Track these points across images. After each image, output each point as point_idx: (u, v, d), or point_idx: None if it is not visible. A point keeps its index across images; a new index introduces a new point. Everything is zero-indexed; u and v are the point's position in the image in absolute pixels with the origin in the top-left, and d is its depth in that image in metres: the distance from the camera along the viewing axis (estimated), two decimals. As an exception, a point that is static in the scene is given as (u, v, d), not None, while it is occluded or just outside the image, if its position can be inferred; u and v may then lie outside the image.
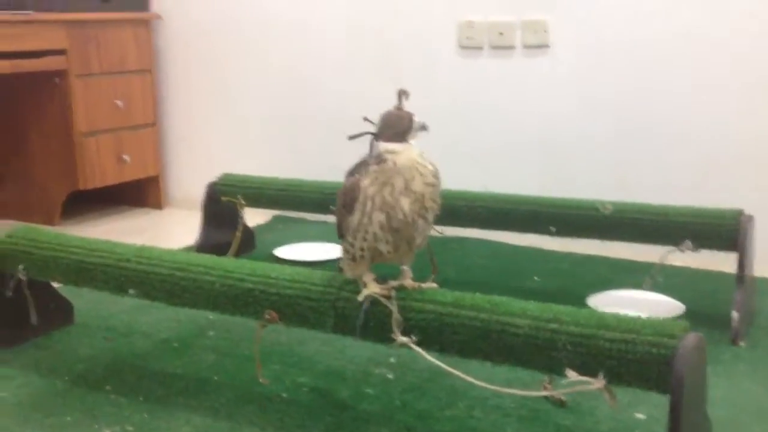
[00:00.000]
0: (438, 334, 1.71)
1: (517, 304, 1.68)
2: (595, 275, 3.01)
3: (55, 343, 2.43)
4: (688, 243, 2.46)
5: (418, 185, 1.67)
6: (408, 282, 1.79)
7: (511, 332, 1.63)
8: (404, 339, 1.71)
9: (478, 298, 1.72)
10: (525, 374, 1.81)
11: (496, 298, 1.71)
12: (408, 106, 1.71)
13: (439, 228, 2.19)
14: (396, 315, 1.72)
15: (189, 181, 4.28)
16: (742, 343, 2.36)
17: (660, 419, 1.79)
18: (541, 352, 1.61)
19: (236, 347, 2.35)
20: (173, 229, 4.01)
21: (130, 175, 4.12)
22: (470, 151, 3.61)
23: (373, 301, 1.75)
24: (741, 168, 3.13)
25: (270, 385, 2.08)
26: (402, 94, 1.70)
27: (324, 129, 3.96)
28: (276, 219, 3.94)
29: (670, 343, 1.49)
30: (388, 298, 1.73)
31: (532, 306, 1.66)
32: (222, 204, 3.15)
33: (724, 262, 2.65)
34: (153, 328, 2.52)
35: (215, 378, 2.16)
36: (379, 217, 1.67)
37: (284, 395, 2.05)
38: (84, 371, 2.22)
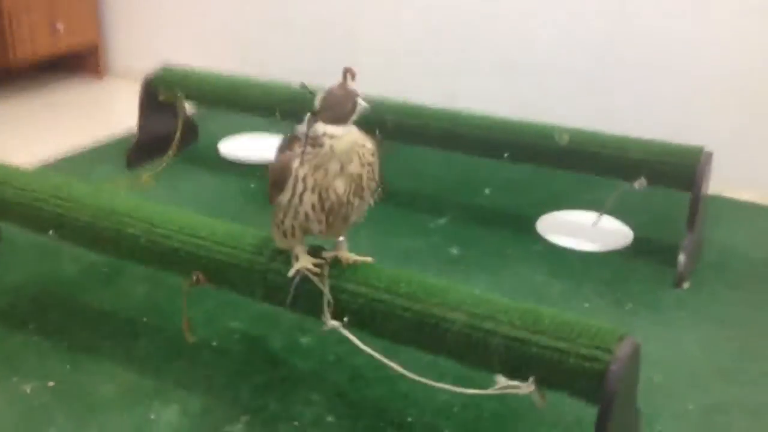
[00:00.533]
0: (370, 319, 1.64)
1: (454, 294, 1.60)
2: (547, 192, 2.93)
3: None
4: (643, 180, 2.37)
5: (355, 167, 1.55)
6: (343, 254, 1.69)
7: (444, 327, 1.56)
8: (335, 323, 1.64)
9: (414, 282, 1.63)
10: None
11: (433, 285, 1.62)
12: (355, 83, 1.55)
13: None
14: (327, 296, 1.64)
15: (132, 50, 4.01)
16: (686, 285, 2.33)
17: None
18: (474, 351, 1.55)
19: (169, 276, 2.26)
20: (114, 106, 3.81)
21: (65, 45, 3.85)
22: (442, 65, 3.42)
23: (304, 278, 1.67)
24: (713, 103, 3.01)
25: (200, 332, 2.02)
26: (348, 72, 1.54)
27: (288, 28, 3.69)
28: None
29: (603, 357, 1.43)
30: (320, 275, 1.65)
31: (470, 299, 1.58)
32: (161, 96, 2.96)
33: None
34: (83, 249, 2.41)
35: (144, 320, 2.09)
36: (311, 198, 1.55)
37: (214, 344, 2.00)
38: (7, 306, 2.14)
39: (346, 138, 1.52)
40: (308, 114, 1.55)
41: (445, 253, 2.48)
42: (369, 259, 1.71)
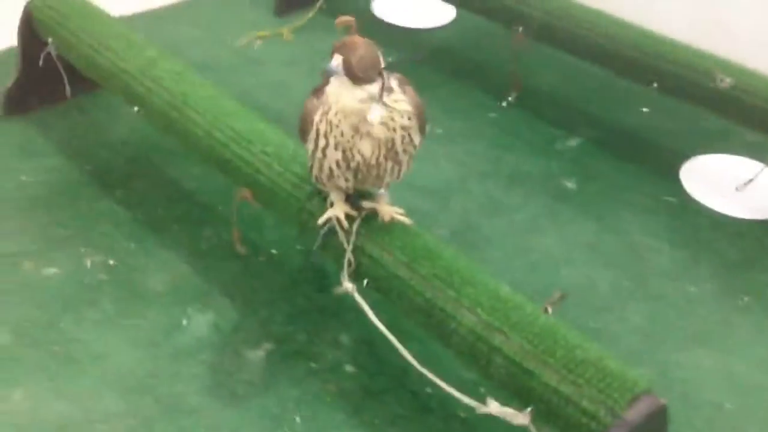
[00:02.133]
0: (387, 290, 1.51)
1: (475, 290, 1.42)
2: (712, 124, 2.42)
3: (91, 109, 2.37)
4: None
5: (381, 131, 1.37)
6: (383, 208, 1.54)
7: (452, 326, 1.40)
8: (348, 286, 1.53)
9: (441, 264, 1.46)
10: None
11: (459, 272, 1.45)
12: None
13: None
14: (348, 255, 1.52)
15: None
16: None
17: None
18: (476, 362, 1.39)
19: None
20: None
21: None
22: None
23: (332, 230, 1.54)
24: None
25: (266, 234, 1.99)
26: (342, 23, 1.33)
27: None
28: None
29: (604, 418, 1.24)
30: (347, 231, 1.52)
31: (489, 300, 1.40)
32: None
33: None
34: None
35: (219, 208, 2.06)
36: (334, 155, 1.40)
37: (274, 252, 1.96)
38: (104, 163, 2.19)
39: (345, 98, 1.35)
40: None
41: (558, 185, 2.22)
42: (407, 220, 1.55)
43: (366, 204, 1.54)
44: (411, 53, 2.69)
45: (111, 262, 1.90)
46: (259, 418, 1.58)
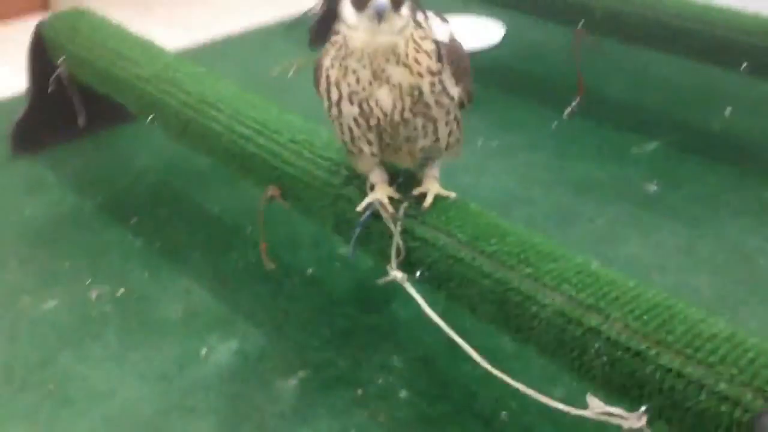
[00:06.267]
0: (446, 279, 1.20)
1: (558, 265, 1.11)
2: None
3: (108, 144, 2.16)
4: None
5: (402, 75, 1.09)
6: (434, 188, 1.25)
7: (532, 311, 1.09)
8: (397, 275, 1.23)
9: (510, 240, 1.16)
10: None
11: (536, 244, 1.15)
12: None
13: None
14: (397, 240, 1.23)
15: None
16: None
17: None
18: (566, 350, 1.07)
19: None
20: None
21: None
22: None
23: (373, 215, 1.26)
24: None
25: (301, 254, 1.71)
26: None
27: None
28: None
29: (753, 403, 0.91)
30: (394, 216, 1.23)
31: (577, 275, 1.09)
32: None
33: None
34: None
35: (248, 231, 1.79)
36: (350, 110, 1.13)
37: (310, 271, 1.67)
38: (123, 191, 1.95)
39: (364, 31, 1.07)
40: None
41: (639, 189, 1.91)
42: (452, 194, 1.25)
43: (418, 190, 1.26)
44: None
45: (119, 292, 1.62)
46: (293, 455, 1.27)
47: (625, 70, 2.49)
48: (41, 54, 2.01)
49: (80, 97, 2.05)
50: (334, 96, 1.13)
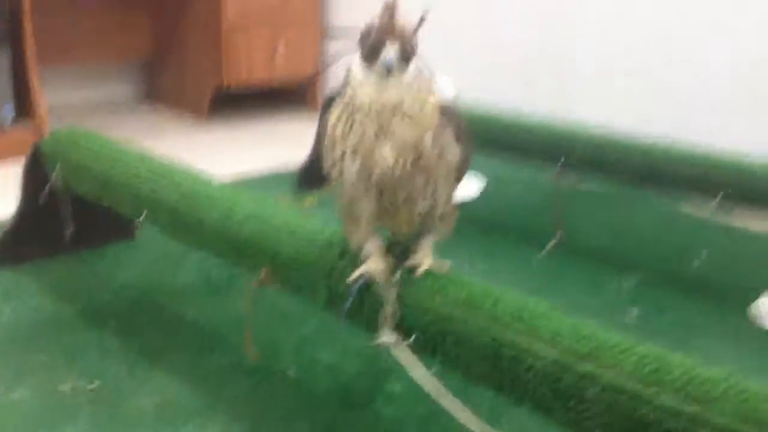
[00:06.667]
0: (441, 337, 1.19)
1: (551, 323, 1.12)
2: None
3: (91, 261, 2.16)
4: None
5: (405, 130, 1.13)
6: (427, 260, 1.27)
7: (527, 364, 1.09)
8: (388, 339, 1.22)
9: (507, 297, 1.18)
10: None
11: (529, 304, 1.16)
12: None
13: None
14: (391, 302, 1.23)
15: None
16: None
17: None
18: (563, 400, 1.06)
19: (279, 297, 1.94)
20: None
21: (282, 72, 3.74)
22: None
23: (369, 281, 1.26)
24: None
25: (284, 358, 1.68)
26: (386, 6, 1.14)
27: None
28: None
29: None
30: (389, 282, 1.24)
31: (570, 330, 1.10)
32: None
33: None
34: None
35: (234, 336, 1.78)
36: (353, 165, 1.17)
37: (290, 373, 1.63)
38: (103, 303, 1.93)
39: (372, 86, 1.13)
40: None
41: (621, 319, 1.92)
42: (447, 265, 1.28)
43: (413, 260, 1.28)
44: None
45: (93, 385, 1.57)
46: None
47: (602, 208, 2.61)
48: (36, 168, 2.05)
49: (70, 209, 2.08)
50: (338, 152, 1.16)
